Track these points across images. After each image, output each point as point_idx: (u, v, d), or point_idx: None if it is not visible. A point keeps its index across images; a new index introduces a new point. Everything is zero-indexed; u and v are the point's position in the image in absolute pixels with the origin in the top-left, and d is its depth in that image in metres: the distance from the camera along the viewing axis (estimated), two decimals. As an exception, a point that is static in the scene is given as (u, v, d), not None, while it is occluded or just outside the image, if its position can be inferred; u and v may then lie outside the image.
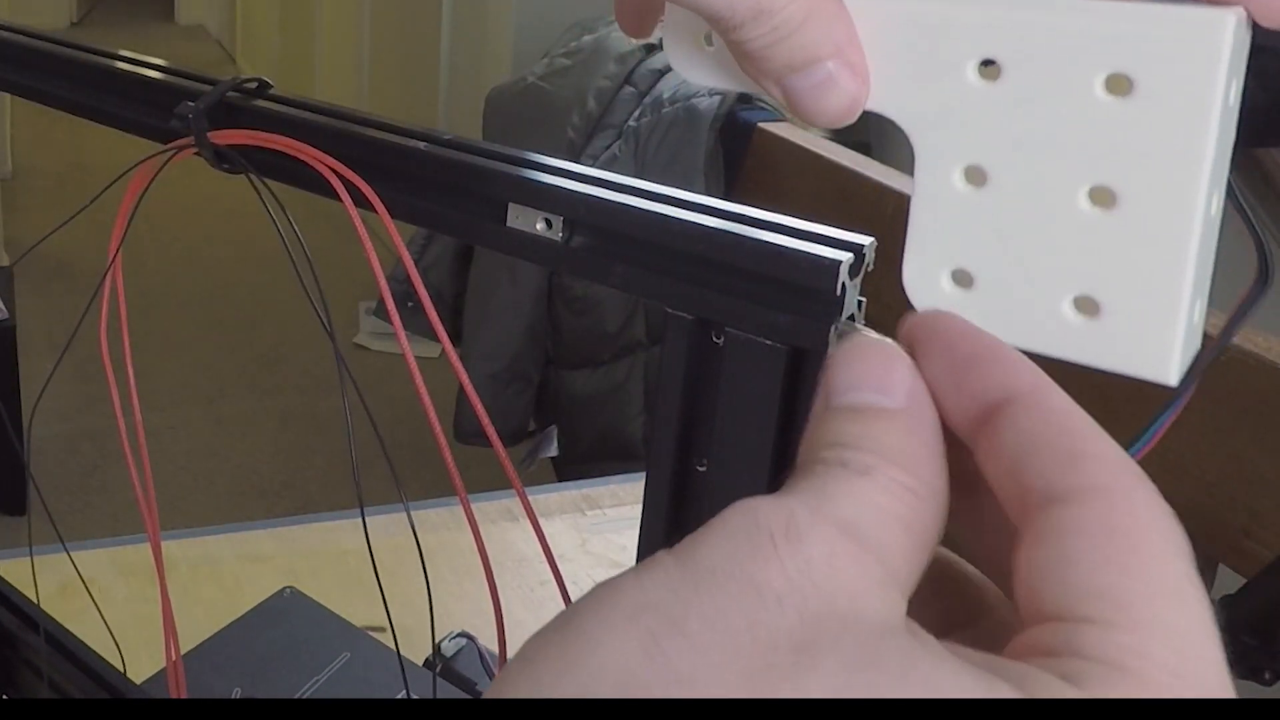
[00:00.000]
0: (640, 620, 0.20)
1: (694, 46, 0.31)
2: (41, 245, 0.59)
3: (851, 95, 0.28)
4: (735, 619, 0.20)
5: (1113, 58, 0.25)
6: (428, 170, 0.39)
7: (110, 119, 0.47)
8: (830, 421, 0.24)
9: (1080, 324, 0.27)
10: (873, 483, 0.23)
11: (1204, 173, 0.25)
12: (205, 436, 2.72)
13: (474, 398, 0.38)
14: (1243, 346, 0.91)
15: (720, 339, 0.33)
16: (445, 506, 0.96)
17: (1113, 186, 0.26)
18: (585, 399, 1.89)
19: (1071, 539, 0.21)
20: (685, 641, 0.20)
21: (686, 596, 0.20)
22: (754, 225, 0.33)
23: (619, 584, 0.21)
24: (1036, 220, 0.27)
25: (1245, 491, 0.90)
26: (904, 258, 0.29)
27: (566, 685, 0.20)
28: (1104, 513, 0.22)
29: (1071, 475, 0.22)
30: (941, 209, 0.28)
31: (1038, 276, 0.27)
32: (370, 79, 3.72)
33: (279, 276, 3.27)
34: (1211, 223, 0.27)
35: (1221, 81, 0.25)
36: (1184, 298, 0.26)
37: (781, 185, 1.62)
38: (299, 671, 0.77)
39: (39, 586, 0.61)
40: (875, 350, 0.26)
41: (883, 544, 0.22)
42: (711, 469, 0.34)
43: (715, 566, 0.21)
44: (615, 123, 1.84)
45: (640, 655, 0.20)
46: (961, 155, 0.28)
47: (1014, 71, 0.27)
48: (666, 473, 0.35)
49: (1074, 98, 0.26)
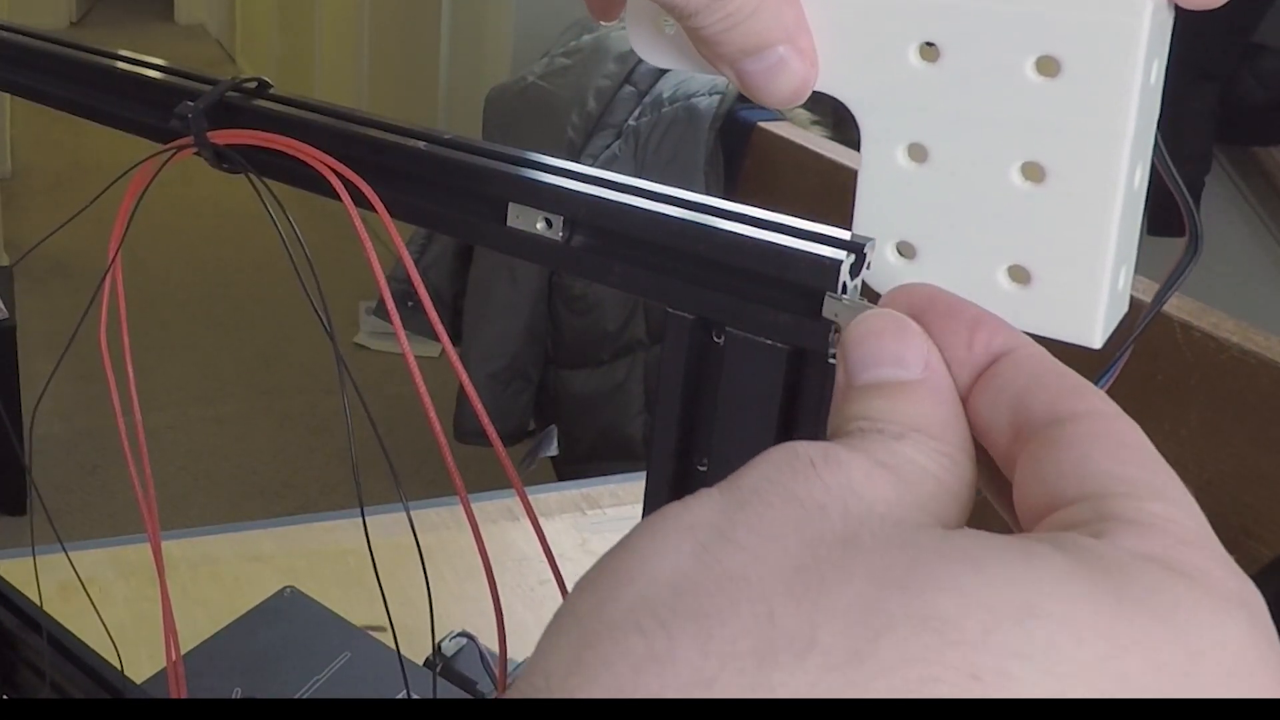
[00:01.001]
0: (690, 534, 0.21)
1: (654, 30, 0.33)
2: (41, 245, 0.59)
3: (801, 77, 0.30)
4: (780, 526, 0.21)
5: (1042, 40, 0.27)
6: (427, 170, 0.39)
7: (110, 119, 0.47)
8: (855, 400, 0.25)
9: (1013, 291, 0.29)
10: (909, 444, 0.24)
11: (1125, 148, 0.27)
12: (205, 436, 2.72)
13: (474, 397, 0.38)
14: (1242, 346, 0.91)
15: (720, 338, 0.33)
16: (445, 506, 0.96)
17: (1042, 162, 0.28)
18: (585, 398, 1.89)
19: (1089, 440, 0.23)
20: (734, 547, 0.21)
21: (732, 514, 0.21)
22: (754, 224, 0.33)
23: (667, 511, 0.22)
24: (973, 195, 0.29)
25: (1245, 490, 0.90)
26: (851, 231, 0.31)
27: (624, 595, 0.20)
28: (1112, 425, 0.23)
29: (1078, 401, 0.24)
30: (886, 185, 0.30)
31: (974, 247, 0.29)
32: (370, 79, 3.72)
33: (279, 276, 3.27)
34: (1135, 196, 0.28)
35: (1140, 61, 0.26)
36: (1107, 266, 0.28)
37: (781, 184, 1.62)
38: (299, 671, 0.77)
39: (40, 586, 0.61)
40: (888, 324, 0.26)
41: (921, 488, 0.23)
42: (712, 468, 0.34)
43: (758, 487, 0.22)
44: (615, 122, 1.84)
45: (693, 561, 0.21)
46: (904, 134, 0.29)
47: (952, 53, 0.28)
48: (667, 472, 0.35)
49: (1007, 78, 0.28)
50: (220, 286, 3.46)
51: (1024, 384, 0.24)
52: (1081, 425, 0.23)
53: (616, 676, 0.19)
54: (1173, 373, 0.93)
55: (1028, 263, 0.29)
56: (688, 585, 0.20)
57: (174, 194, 3.57)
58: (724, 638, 0.19)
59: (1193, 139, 1.96)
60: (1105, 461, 0.22)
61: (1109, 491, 0.22)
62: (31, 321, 2.55)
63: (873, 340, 0.26)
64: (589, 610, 0.20)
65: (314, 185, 0.40)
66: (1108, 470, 0.22)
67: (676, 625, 0.19)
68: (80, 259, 3.20)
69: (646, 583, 0.20)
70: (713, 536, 0.21)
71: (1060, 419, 0.23)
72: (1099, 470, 0.22)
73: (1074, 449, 0.23)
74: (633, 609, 0.20)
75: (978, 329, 0.26)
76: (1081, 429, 0.23)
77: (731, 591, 0.20)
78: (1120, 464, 0.22)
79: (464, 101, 2.82)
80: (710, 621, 0.19)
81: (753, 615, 0.19)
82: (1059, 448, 0.23)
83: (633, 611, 0.20)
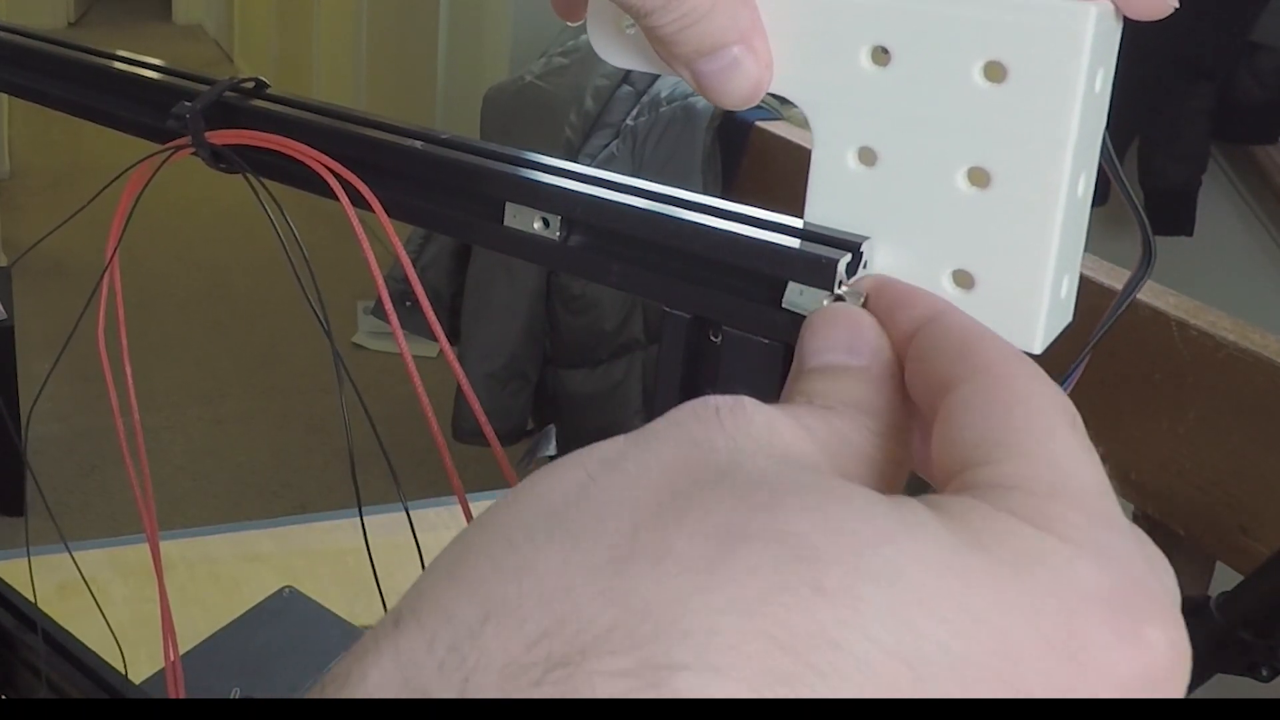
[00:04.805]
0: (582, 466, 0.22)
1: (615, 30, 0.33)
2: (39, 245, 0.59)
3: (755, 79, 0.30)
4: (665, 457, 0.22)
5: (989, 46, 0.27)
6: (425, 170, 0.39)
7: (108, 119, 0.47)
8: (803, 380, 0.26)
9: (957, 296, 0.29)
10: (838, 415, 0.25)
11: (1068, 156, 0.27)
12: (203, 436, 2.71)
13: (471, 397, 0.38)
14: (1239, 344, 0.91)
15: (718, 337, 0.33)
16: (444, 506, 0.96)
17: (988, 168, 0.28)
18: (583, 398, 1.89)
19: (960, 412, 0.24)
20: (617, 474, 0.21)
21: (626, 448, 0.22)
22: (751, 224, 0.33)
23: (575, 451, 0.23)
24: (920, 199, 0.29)
25: (1243, 489, 0.90)
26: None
27: (505, 518, 0.21)
28: (986, 385, 0.24)
29: (960, 363, 0.25)
30: (836, 186, 0.30)
31: (920, 250, 0.30)
32: (368, 78, 3.72)
33: (277, 276, 3.27)
34: (1079, 203, 0.29)
35: (1084, 70, 0.27)
36: (1049, 273, 0.28)
37: (778, 184, 1.62)
38: (298, 671, 0.77)
39: (37, 587, 0.61)
40: (843, 316, 0.27)
41: (836, 452, 0.24)
42: (709, 467, 0.34)
43: (658, 428, 0.23)
44: (613, 121, 1.84)
45: (576, 488, 0.21)
46: (855, 136, 0.30)
47: (902, 57, 0.29)
48: (664, 471, 0.35)
49: (955, 83, 0.28)
50: (218, 287, 3.46)
51: (926, 352, 0.26)
52: (959, 393, 0.24)
53: (480, 585, 0.19)
54: (1170, 371, 0.93)
55: (971, 267, 0.29)
56: (564, 506, 0.21)
57: (172, 194, 3.57)
58: (586, 550, 0.20)
59: (1190, 137, 1.96)
60: (971, 429, 0.23)
61: (972, 463, 0.23)
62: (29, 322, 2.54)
63: (828, 328, 0.27)
64: (471, 530, 0.21)
65: (311, 185, 0.40)
66: (972, 439, 0.23)
67: (544, 540, 0.20)
68: (78, 259, 3.19)
69: (530, 505, 0.21)
70: (601, 468, 0.22)
71: (948, 388, 0.24)
72: (965, 441, 0.23)
73: (950, 423, 0.24)
74: (508, 527, 0.21)
75: (898, 307, 0.27)
76: (958, 398, 0.24)
77: (602, 511, 0.21)
78: (983, 426, 0.23)
79: (462, 101, 2.82)
80: (577, 538, 0.20)
81: (617, 531, 0.20)
82: (941, 425, 0.24)
83: (508, 530, 0.21)
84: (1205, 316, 0.95)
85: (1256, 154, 2.02)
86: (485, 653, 0.18)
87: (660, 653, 0.18)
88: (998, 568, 0.20)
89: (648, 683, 0.18)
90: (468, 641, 0.19)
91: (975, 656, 0.19)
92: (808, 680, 0.18)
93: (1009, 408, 0.23)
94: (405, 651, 0.19)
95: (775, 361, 0.32)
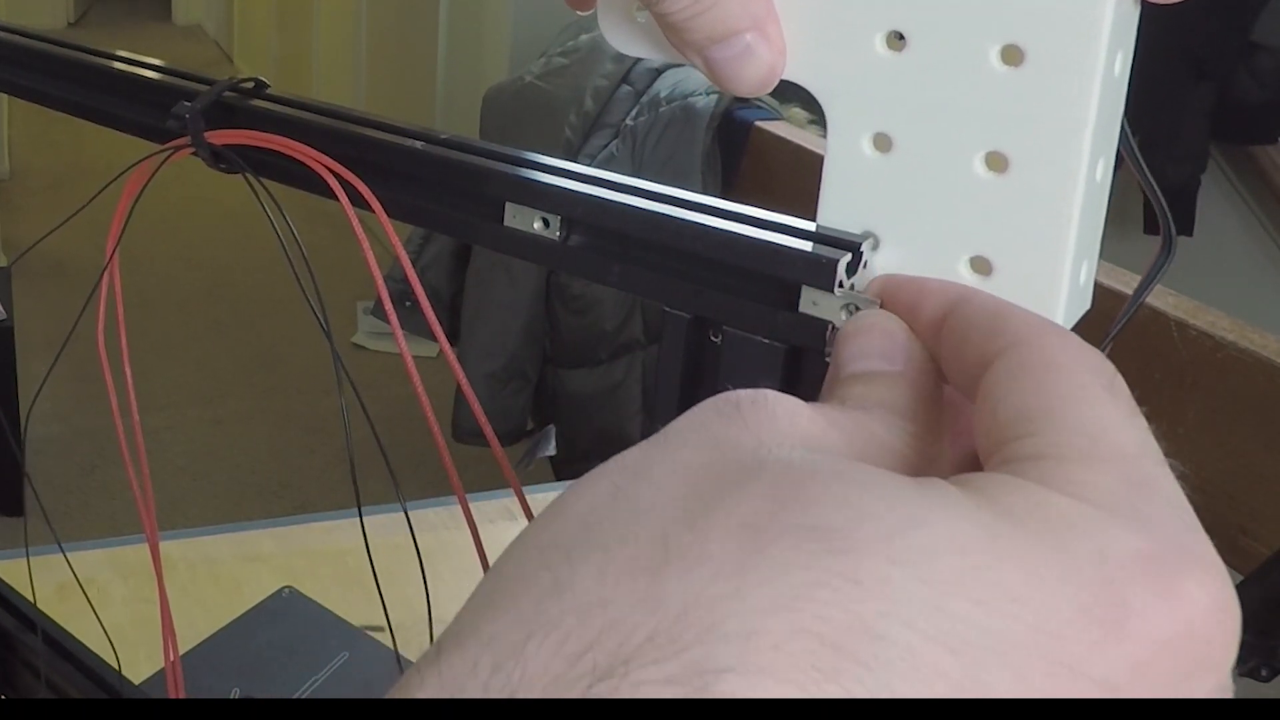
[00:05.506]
0: (608, 477, 0.22)
1: (625, 18, 0.33)
2: (39, 245, 0.59)
3: (768, 65, 0.30)
4: (690, 459, 0.22)
5: (1006, 29, 0.27)
6: (425, 170, 0.39)
7: (107, 119, 0.47)
8: (839, 386, 0.26)
9: (975, 282, 0.29)
10: (871, 416, 0.24)
11: (1087, 139, 0.27)
12: (203, 436, 2.71)
13: (471, 397, 0.38)
14: (1239, 344, 0.91)
15: (718, 337, 0.33)
16: (444, 506, 0.96)
17: (1005, 152, 0.28)
18: (583, 398, 1.89)
19: (996, 388, 0.24)
20: (643, 482, 0.22)
21: (650, 452, 0.22)
22: (751, 224, 0.33)
23: (600, 464, 0.23)
24: (937, 184, 0.29)
25: (1243, 489, 0.90)
26: (817, 219, 0.31)
27: (539, 537, 0.21)
28: (1019, 357, 0.24)
29: (992, 340, 0.25)
30: (851, 174, 0.30)
31: (937, 237, 0.29)
32: (367, 78, 3.72)
33: (277, 276, 3.27)
34: (1098, 188, 0.28)
35: (1103, 52, 0.26)
36: (1067, 258, 0.28)
37: (778, 183, 1.62)
38: (298, 671, 0.77)
39: (36, 587, 0.61)
40: (878, 322, 0.27)
41: (864, 447, 0.24)
42: (709, 468, 0.34)
43: (680, 428, 0.23)
44: (612, 121, 1.84)
45: (606, 499, 0.21)
46: (870, 123, 0.29)
47: (918, 42, 0.28)
48: (664, 471, 0.35)
49: (972, 67, 0.28)
50: (218, 287, 3.46)
51: (959, 335, 0.26)
52: (994, 370, 0.24)
53: (519, 607, 0.20)
54: (1169, 371, 0.93)
55: (989, 253, 0.29)
56: (595, 519, 0.21)
57: (172, 194, 3.57)
58: (621, 560, 0.20)
59: (1189, 137, 1.96)
60: (1007, 405, 0.23)
61: (1010, 438, 0.22)
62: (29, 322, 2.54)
63: (862, 336, 0.27)
64: (505, 557, 0.21)
65: (311, 185, 0.40)
66: (1008, 414, 0.23)
67: (579, 555, 0.20)
68: (78, 259, 3.19)
69: (561, 523, 0.21)
70: (627, 476, 0.22)
71: (984, 366, 0.24)
72: (1002, 418, 0.23)
73: (989, 401, 0.24)
74: (543, 547, 0.21)
75: (917, 301, 0.27)
76: (993, 375, 0.24)
77: (632, 521, 0.21)
78: (1019, 399, 0.23)
79: (461, 101, 2.82)
80: (610, 549, 0.20)
81: (649, 539, 0.20)
82: (980, 405, 0.24)
83: (542, 550, 0.21)
84: (1205, 316, 0.95)
85: (1256, 154, 2.02)
86: (529, 670, 0.18)
87: (703, 657, 0.18)
88: (1031, 541, 0.20)
89: (694, 688, 0.18)
90: (511, 660, 0.19)
91: (1015, 635, 0.19)
92: (854, 674, 0.18)
93: (1041, 378, 0.23)
94: (449, 676, 0.19)
95: (775, 361, 0.32)
